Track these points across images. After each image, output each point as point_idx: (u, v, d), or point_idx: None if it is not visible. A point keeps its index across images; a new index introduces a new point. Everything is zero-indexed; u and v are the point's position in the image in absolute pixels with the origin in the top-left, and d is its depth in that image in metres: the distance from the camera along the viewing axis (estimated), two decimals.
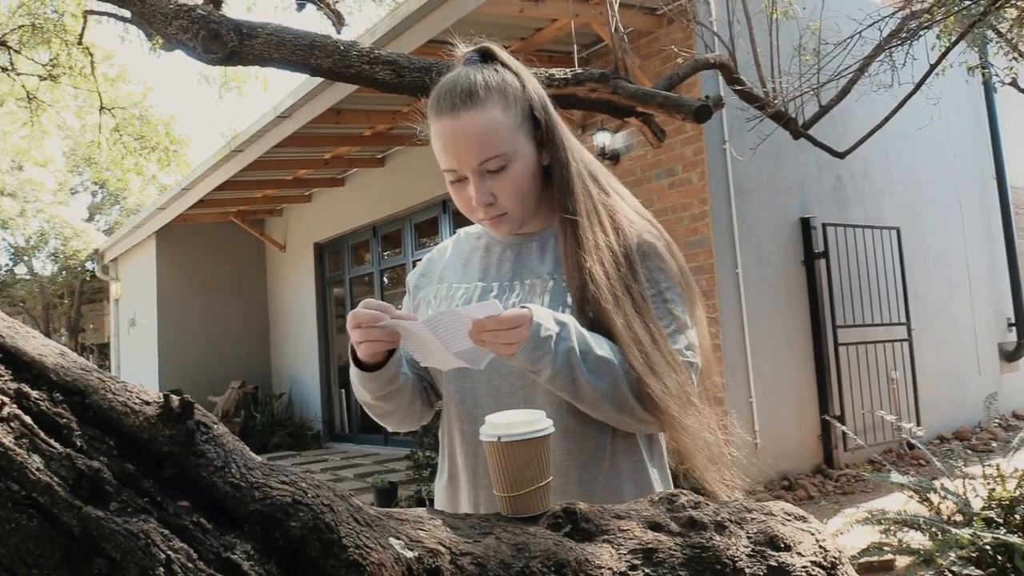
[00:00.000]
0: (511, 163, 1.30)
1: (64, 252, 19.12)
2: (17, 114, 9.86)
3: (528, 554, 0.89)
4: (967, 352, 8.05)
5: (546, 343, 1.17)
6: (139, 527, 0.70)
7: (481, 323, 1.14)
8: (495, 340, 1.15)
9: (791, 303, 6.42)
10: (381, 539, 0.81)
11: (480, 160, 1.28)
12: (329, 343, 11.18)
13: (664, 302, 1.29)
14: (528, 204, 1.34)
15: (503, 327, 1.14)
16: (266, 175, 9.67)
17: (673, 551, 0.95)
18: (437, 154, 1.33)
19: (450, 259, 1.48)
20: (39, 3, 7.78)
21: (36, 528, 0.67)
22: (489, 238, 1.45)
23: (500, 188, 1.30)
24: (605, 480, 1.28)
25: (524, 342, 1.16)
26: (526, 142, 1.32)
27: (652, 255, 1.31)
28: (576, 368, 1.19)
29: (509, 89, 1.31)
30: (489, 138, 1.28)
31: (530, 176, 1.32)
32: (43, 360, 0.77)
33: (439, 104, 1.30)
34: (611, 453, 1.29)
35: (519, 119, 1.31)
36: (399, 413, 1.41)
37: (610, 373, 1.21)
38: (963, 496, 3.16)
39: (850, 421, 6.36)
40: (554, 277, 1.33)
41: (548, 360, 1.18)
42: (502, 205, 1.32)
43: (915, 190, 7.80)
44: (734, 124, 5.92)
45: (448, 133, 1.29)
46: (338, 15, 5.49)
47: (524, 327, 1.15)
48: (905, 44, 4.79)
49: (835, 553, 1.05)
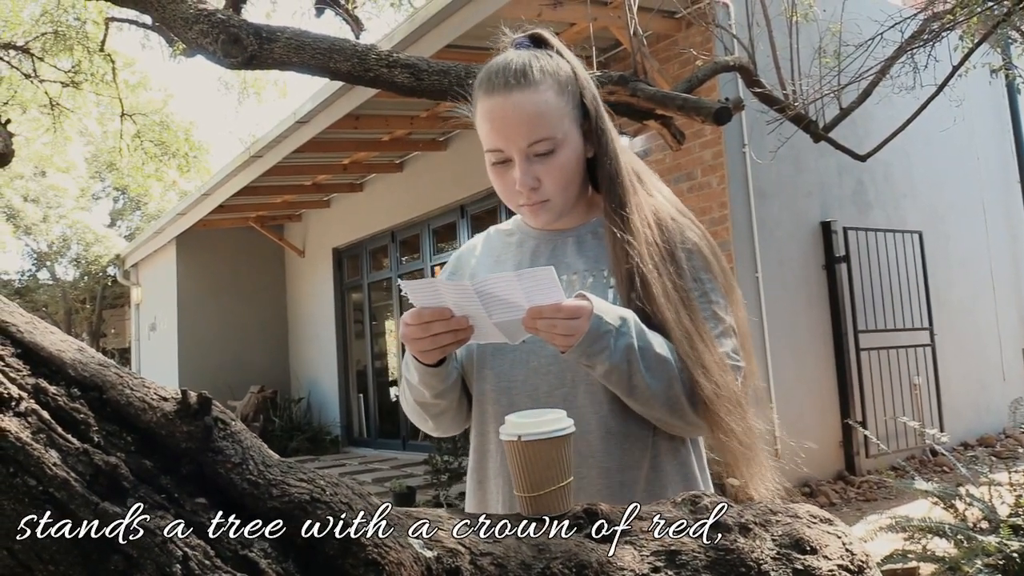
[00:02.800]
0: (560, 148, 1.26)
1: (86, 257, 19.32)
2: (40, 120, 9.97)
3: (549, 555, 0.87)
4: (991, 357, 7.94)
5: (605, 338, 1.12)
6: (156, 524, 0.69)
7: (537, 310, 1.09)
8: (551, 330, 1.10)
9: (812, 308, 6.37)
10: (400, 538, 0.80)
11: (529, 141, 1.24)
12: (347, 348, 11.20)
13: (709, 303, 1.25)
14: (570, 193, 1.30)
15: (561, 316, 1.09)
16: (285, 180, 9.73)
17: (696, 553, 0.93)
18: (482, 134, 1.29)
19: (481, 256, 1.44)
20: (61, 11, 7.87)
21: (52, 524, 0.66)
22: (521, 234, 1.41)
23: (546, 173, 1.26)
24: (646, 483, 1.24)
25: (581, 336, 1.11)
26: (575, 130, 1.28)
27: (697, 255, 1.27)
28: (634, 365, 1.15)
29: (562, 74, 1.28)
30: (540, 120, 1.24)
31: (575, 165, 1.28)
32: (61, 355, 0.76)
33: (490, 82, 1.27)
34: (652, 456, 1.25)
35: (570, 106, 1.27)
36: (452, 411, 1.36)
37: (666, 372, 1.17)
38: (989, 503, 3.11)
39: (872, 427, 6.29)
40: (593, 274, 1.29)
41: (606, 356, 1.13)
42: (546, 191, 1.27)
43: (937, 193, 7.72)
44: (754, 127, 5.88)
45: (498, 112, 1.25)
46: (356, 20, 5.52)
47: (583, 319, 1.11)
48: (927, 46, 4.74)
49: (862, 557, 1.03)
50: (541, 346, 1.25)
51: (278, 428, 10.75)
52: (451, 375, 1.31)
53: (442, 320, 1.15)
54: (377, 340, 11.27)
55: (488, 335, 1.18)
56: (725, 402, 1.17)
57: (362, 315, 11.32)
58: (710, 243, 1.31)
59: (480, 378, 1.33)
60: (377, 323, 11.34)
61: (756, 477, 1.21)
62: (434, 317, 1.15)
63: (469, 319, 1.15)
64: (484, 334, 1.18)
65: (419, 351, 1.20)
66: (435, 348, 1.19)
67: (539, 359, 1.25)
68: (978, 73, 5.17)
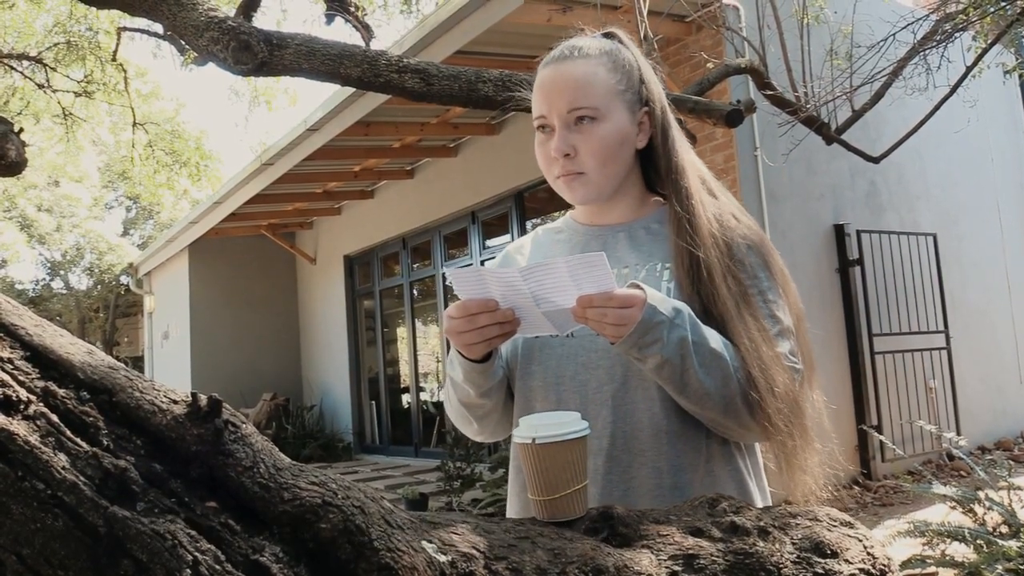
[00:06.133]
0: (601, 120, 1.23)
1: (99, 266, 19.45)
2: (53, 130, 10.05)
3: (565, 559, 0.86)
4: (1007, 360, 7.87)
5: (658, 329, 1.07)
6: (166, 528, 0.68)
7: (588, 298, 1.05)
8: (601, 319, 1.06)
9: (825, 311, 6.32)
10: (413, 542, 0.78)
11: (570, 107, 1.23)
12: (359, 355, 11.21)
13: (766, 302, 1.21)
14: (609, 173, 1.26)
15: (612, 305, 1.05)
16: (296, 188, 9.75)
17: (715, 557, 0.92)
18: (533, 105, 1.29)
19: (530, 255, 1.40)
20: (74, 21, 7.93)
21: (61, 528, 0.65)
22: (570, 231, 1.38)
23: (584, 142, 1.23)
24: (701, 488, 1.18)
25: (633, 325, 1.06)
26: (623, 111, 1.26)
27: (756, 253, 1.24)
28: (688, 360, 1.09)
29: (621, 58, 1.28)
30: (585, 88, 1.23)
31: (618, 143, 1.25)
32: (70, 358, 0.76)
33: (549, 57, 1.29)
34: (706, 460, 1.20)
35: (623, 85, 1.26)
36: (498, 412, 1.32)
37: (721, 369, 1.11)
38: (1008, 507, 3.07)
39: (888, 431, 6.24)
40: (645, 267, 1.25)
41: (658, 348, 1.08)
42: (582, 162, 1.24)
43: (951, 195, 7.67)
44: (765, 130, 5.85)
45: (547, 79, 1.26)
46: (367, 27, 5.52)
47: (636, 308, 1.06)
48: (940, 46, 4.71)
49: (884, 560, 1.01)
50: (591, 340, 1.21)
51: (290, 435, 10.77)
52: (497, 373, 1.27)
53: (488, 312, 1.11)
54: (389, 347, 11.28)
55: (536, 327, 1.14)
56: (782, 404, 1.12)
57: (374, 322, 11.33)
58: (768, 246, 1.28)
59: (527, 374, 1.28)
60: (389, 330, 11.35)
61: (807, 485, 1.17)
62: (480, 309, 1.11)
63: (516, 311, 1.12)
64: (532, 326, 1.14)
65: (464, 345, 1.17)
66: (481, 341, 1.15)
67: (589, 354, 1.21)
68: (991, 73, 5.14)
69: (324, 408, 11.54)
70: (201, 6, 3.16)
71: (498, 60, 6.17)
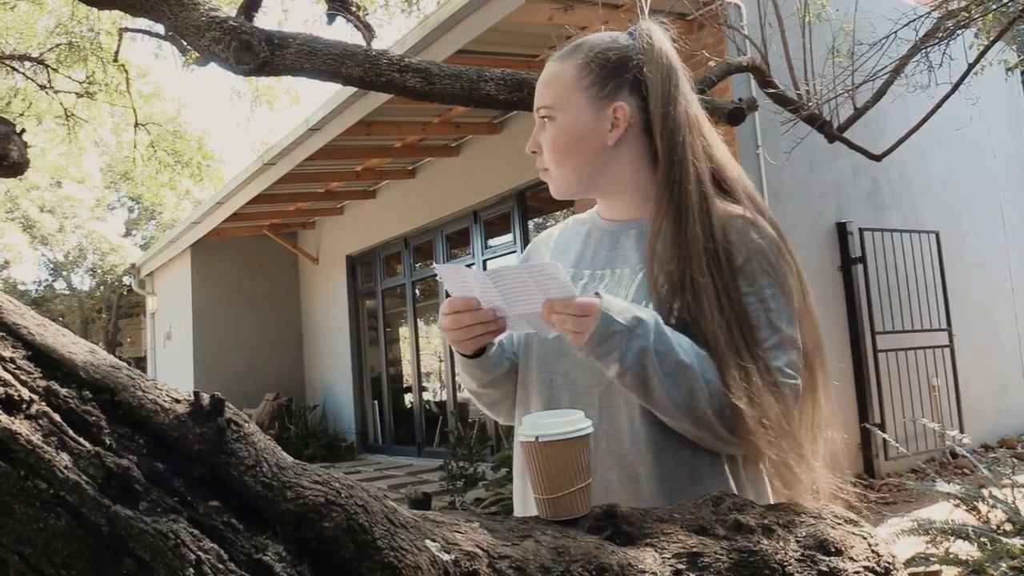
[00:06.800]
0: (556, 118, 1.26)
1: (102, 267, 19.48)
2: (55, 131, 10.06)
3: (568, 558, 0.86)
4: (1011, 357, 7.86)
5: (614, 338, 1.07)
6: (169, 527, 0.68)
7: (550, 304, 1.08)
8: (563, 325, 1.08)
9: (828, 309, 6.31)
10: (417, 541, 0.78)
11: (536, 107, 1.29)
12: (362, 355, 11.21)
13: (766, 311, 1.15)
14: (568, 170, 1.27)
15: (570, 312, 1.07)
16: (298, 188, 9.76)
17: (719, 555, 0.91)
18: None
19: (555, 245, 1.40)
20: (75, 22, 7.94)
21: (64, 527, 0.65)
22: (592, 224, 1.37)
23: (544, 141, 1.28)
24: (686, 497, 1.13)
25: (588, 334, 1.07)
26: (583, 107, 1.24)
27: (761, 258, 1.17)
28: (649, 370, 1.08)
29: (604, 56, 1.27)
30: (546, 87, 1.29)
31: (572, 140, 1.25)
32: (72, 357, 0.75)
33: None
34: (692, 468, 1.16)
35: (588, 81, 1.25)
36: (508, 401, 1.34)
37: (689, 381, 1.08)
38: (1012, 505, 3.07)
39: (891, 429, 6.23)
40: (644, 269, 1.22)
41: (615, 356, 1.08)
42: (544, 159, 1.29)
43: (954, 193, 7.65)
44: (767, 128, 5.84)
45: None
46: (368, 27, 5.53)
47: (591, 317, 1.07)
48: (942, 44, 4.70)
49: (888, 558, 1.01)
50: None
51: (293, 435, 10.77)
52: (498, 366, 1.28)
53: (471, 311, 1.15)
54: (391, 347, 11.28)
55: (521, 325, 1.17)
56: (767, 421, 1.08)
57: (376, 322, 11.33)
58: (780, 247, 1.20)
59: (526, 367, 1.29)
60: (391, 330, 11.35)
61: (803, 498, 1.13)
62: (464, 307, 1.15)
63: (496, 311, 1.15)
64: (516, 324, 1.17)
65: (454, 342, 1.21)
66: (468, 339, 1.19)
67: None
68: (993, 70, 5.13)
69: (327, 408, 11.54)
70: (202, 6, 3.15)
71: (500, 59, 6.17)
